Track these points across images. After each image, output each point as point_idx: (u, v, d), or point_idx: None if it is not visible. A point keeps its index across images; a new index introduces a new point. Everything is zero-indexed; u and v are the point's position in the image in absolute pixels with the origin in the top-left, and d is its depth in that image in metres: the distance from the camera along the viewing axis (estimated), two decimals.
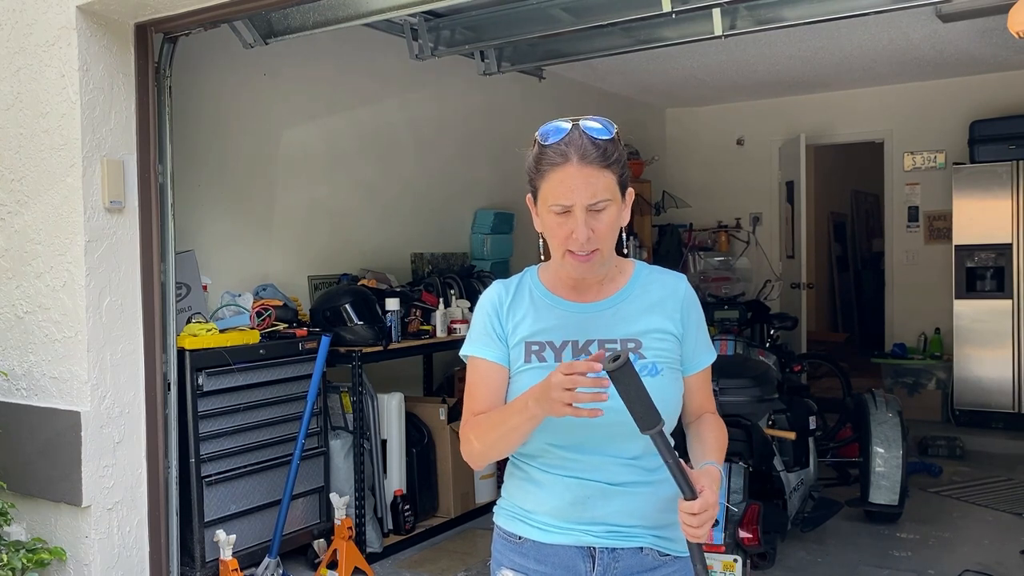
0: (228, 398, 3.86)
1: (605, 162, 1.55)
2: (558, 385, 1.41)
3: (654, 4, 3.88)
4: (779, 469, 4.09)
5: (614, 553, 1.62)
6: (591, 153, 1.54)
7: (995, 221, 6.69)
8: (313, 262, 5.01)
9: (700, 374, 1.72)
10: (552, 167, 1.56)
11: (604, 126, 1.57)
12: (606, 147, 1.56)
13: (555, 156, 1.55)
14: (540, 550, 1.65)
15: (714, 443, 1.67)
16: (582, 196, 1.54)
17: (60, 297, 3.37)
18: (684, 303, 1.69)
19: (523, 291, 1.71)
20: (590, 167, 1.54)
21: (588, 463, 1.61)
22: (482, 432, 1.62)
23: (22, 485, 3.44)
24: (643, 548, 1.63)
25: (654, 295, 1.68)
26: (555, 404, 1.42)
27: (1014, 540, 4.46)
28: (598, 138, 1.56)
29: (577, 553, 1.63)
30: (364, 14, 3.76)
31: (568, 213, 1.55)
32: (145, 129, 3.49)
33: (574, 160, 1.54)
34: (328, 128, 5.11)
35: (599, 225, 1.56)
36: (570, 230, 1.56)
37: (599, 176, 1.54)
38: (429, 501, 4.76)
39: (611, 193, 1.56)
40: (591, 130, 1.56)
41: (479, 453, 1.64)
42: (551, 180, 1.56)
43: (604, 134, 1.56)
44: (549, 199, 1.57)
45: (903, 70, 7.06)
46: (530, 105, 6.58)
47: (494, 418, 1.60)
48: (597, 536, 1.62)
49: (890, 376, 7.38)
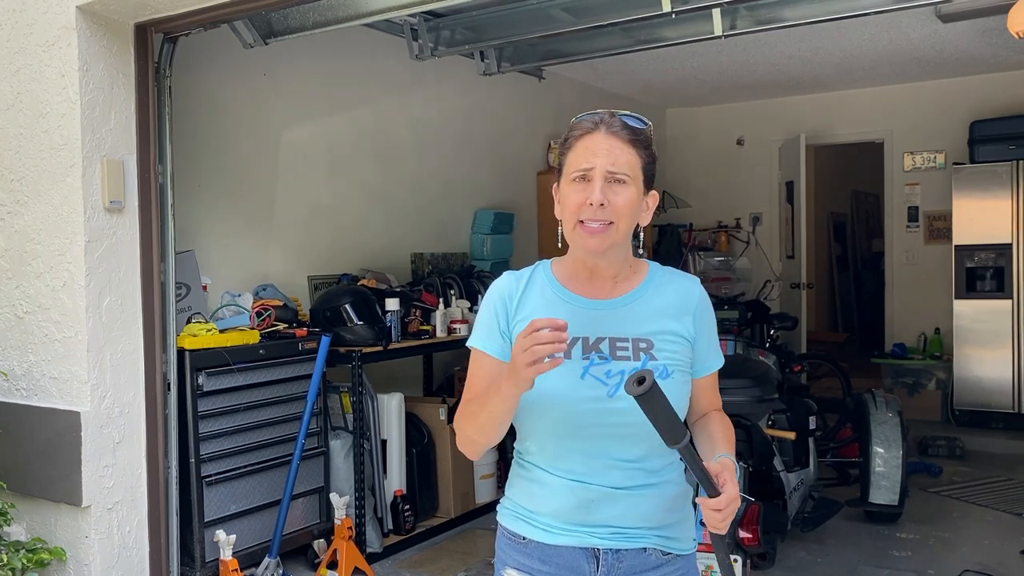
0: (228, 398, 3.86)
1: (633, 138, 1.59)
2: (519, 349, 1.41)
3: (654, 4, 3.88)
4: (779, 469, 4.09)
5: (618, 554, 1.62)
6: (619, 127, 1.58)
7: (995, 221, 6.69)
8: (313, 262, 5.01)
9: (708, 377, 1.73)
10: (580, 135, 1.60)
11: (639, 118, 1.63)
12: (636, 130, 1.60)
13: (586, 124, 1.60)
14: (544, 551, 1.64)
15: (723, 437, 1.68)
16: (603, 160, 1.56)
17: (60, 297, 3.37)
18: (698, 307, 1.68)
19: (534, 284, 1.69)
20: (616, 138, 1.58)
21: (592, 466, 1.60)
22: (468, 419, 1.63)
23: (22, 485, 3.44)
24: (647, 548, 1.63)
25: (668, 297, 1.67)
26: (521, 372, 1.41)
27: (1014, 540, 4.46)
28: (630, 123, 1.60)
29: (581, 554, 1.62)
30: (364, 14, 3.76)
31: (587, 181, 1.56)
32: (145, 129, 3.49)
33: (602, 130, 1.58)
34: (328, 128, 5.11)
35: (616, 198, 1.56)
36: (585, 197, 1.56)
37: (624, 149, 1.58)
38: (429, 501, 4.76)
39: (632, 171, 1.58)
40: (625, 116, 1.61)
41: (469, 440, 1.65)
42: (576, 149, 1.60)
43: (637, 123, 1.61)
44: (572, 167, 1.60)
45: (903, 70, 7.06)
46: (530, 105, 6.58)
47: (477, 404, 1.60)
48: (601, 538, 1.61)
49: (890, 376, 7.38)
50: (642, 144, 1.60)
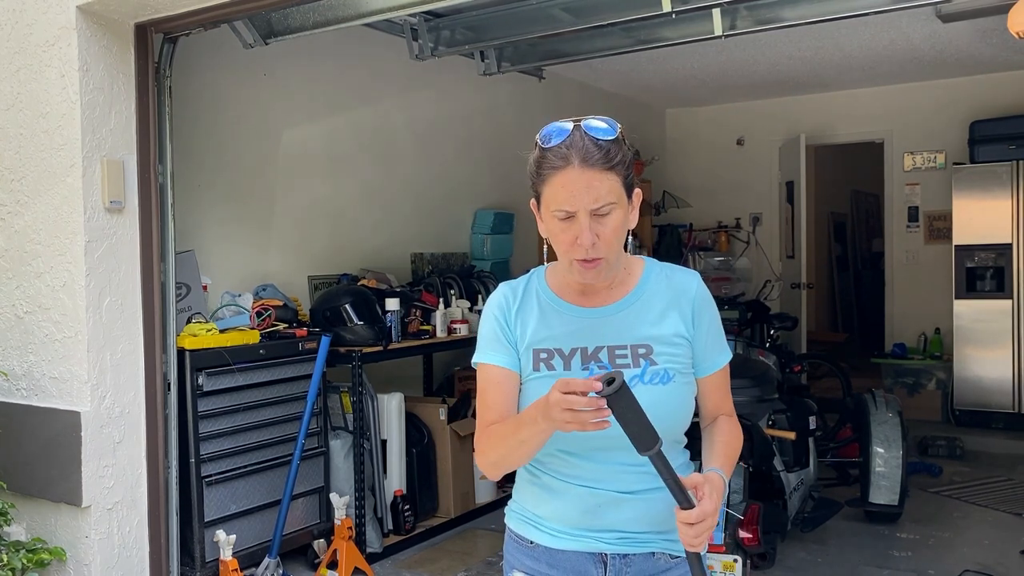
0: (228, 398, 3.85)
1: (608, 164, 1.49)
2: (556, 404, 1.37)
3: (654, 4, 3.88)
4: (779, 469, 4.09)
5: (626, 559, 1.61)
6: (593, 155, 1.48)
7: (995, 221, 6.69)
8: (313, 262, 5.01)
9: (715, 375, 1.67)
10: (553, 171, 1.50)
11: (608, 126, 1.52)
12: (609, 148, 1.50)
13: (556, 159, 1.50)
14: (552, 555, 1.63)
15: (723, 448, 1.64)
16: (585, 200, 1.48)
17: (60, 297, 3.37)
18: (696, 303, 1.64)
19: (530, 294, 1.67)
20: (592, 170, 1.48)
21: (599, 471, 1.59)
22: (495, 443, 1.59)
23: (22, 485, 3.44)
24: (655, 553, 1.62)
25: (665, 297, 1.64)
26: (559, 422, 1.39)
27: (1014, 540, 4.46)
28: (601, 139, 1.50)
29: (588, 559, 1.61)
30: (364, 14, 3.76)
31: (572, 218, 1.50)
32: (145, 129, 3.49)
33: (576, 163, 1.48)
34: (328, 128, 5.11)
35: (604, 230, 1.50)
36: (574, 236, 1.50)
37: (602, 179, 1.48)
38: (429, 501, 4.76)
39: (616, 196, 1.50)
40: (593, 130, 1.50)
41: (494, 464, 1.61)
42: (553, 184, 1.50)
43: (607, 134, 1.50)
44: (552, 204, 1.52)
45: (903, 70, 7.06)
46: (530, 105, 6.58)
47: (506, 429, 1.56)
48: (608, 543, 1.60)
49: (890, 376, 7.38)
50: (618, 160, 1.50)
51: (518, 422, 1.52)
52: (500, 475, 1.64)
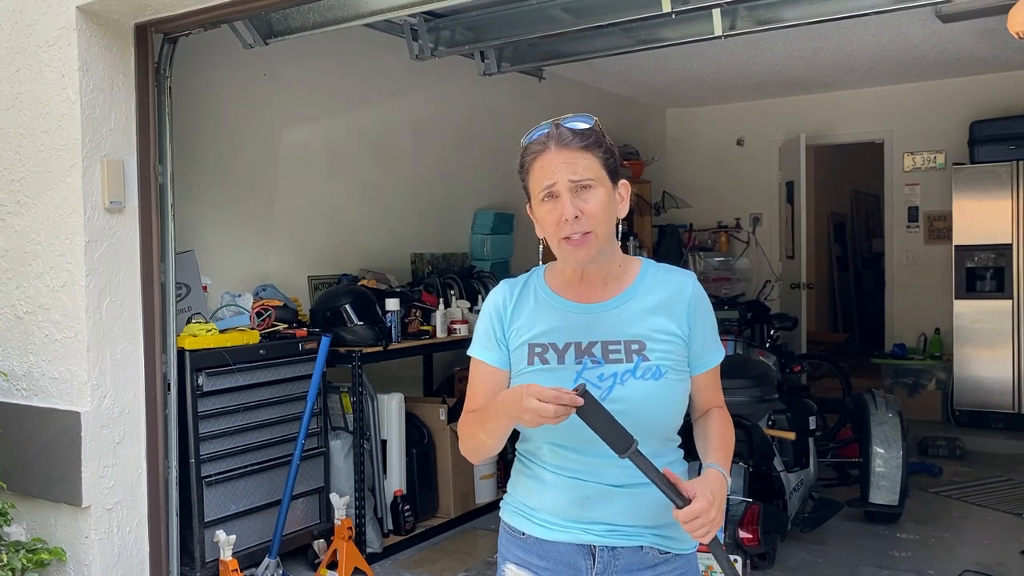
0: (228, 398, 3.85)
1: (584, 144, 1.59)
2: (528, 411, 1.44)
3: (654, 4, 3.88)
4: (779, 469, 4.08)
5: (614, 551, 1.63)
6: (568, 137, 1.59)
7: (995, 221, 6.69)
8: (313, 262, 5.01)
9: (708, 372, 1.72)
10: (534, 157, 1.62)
11: (583, 118, 1.63)
12: (584, 132, 1.61)
13: (536, 147, 1.62)
14: (542, 546, 1.66)
15: (718, 441, 1.67)
16: (563, 173, 1.57)
17: (60, 297, 3.37)
18: (691, 303, 1.67)
19: (528, 292, 1.72)
20: (569, 149, 1.59)
21: (589, 464, 1.61)
22: (470, 431, 1.68)
23: (22, 485, 3.44)
24: (643, 547, 1.64)
25: (660, 295, 1.67)
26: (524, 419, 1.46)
27: (1014, 540, 4.46)
28: (576, 127, 1.61)
29: (577, 550, 1.64)
30: (364, 14, 3.76)
31: (555, 198, 1.58)
32: (145, 129, 3.50)
33: (552, 147, 1.60)
34: (328, 128, 5.11)
35: (587, 205, 1.58)
36: (559, 214, 1.58)
37: (579, 157, 1.58)
38: (429, 501, 4.76)
39: (594, 174, 1.59)
40: (569, 122, 1.62)
41: (472, 449, 1.70)
42: (535, 171, 1.62)
43: (582, 122, 1.62)
44: (536, 189, 1.62)
45: (903, 70, 7.06)
46: (530, 105, 6.58)
47: (478, 418, 1.65)
48: (597, 535, 1.63)
49: (890, 376, 7.38)
50: (595, 144, 1.61)
51: (487, 412, 1.60)
52: (480, 460, 1.74)
